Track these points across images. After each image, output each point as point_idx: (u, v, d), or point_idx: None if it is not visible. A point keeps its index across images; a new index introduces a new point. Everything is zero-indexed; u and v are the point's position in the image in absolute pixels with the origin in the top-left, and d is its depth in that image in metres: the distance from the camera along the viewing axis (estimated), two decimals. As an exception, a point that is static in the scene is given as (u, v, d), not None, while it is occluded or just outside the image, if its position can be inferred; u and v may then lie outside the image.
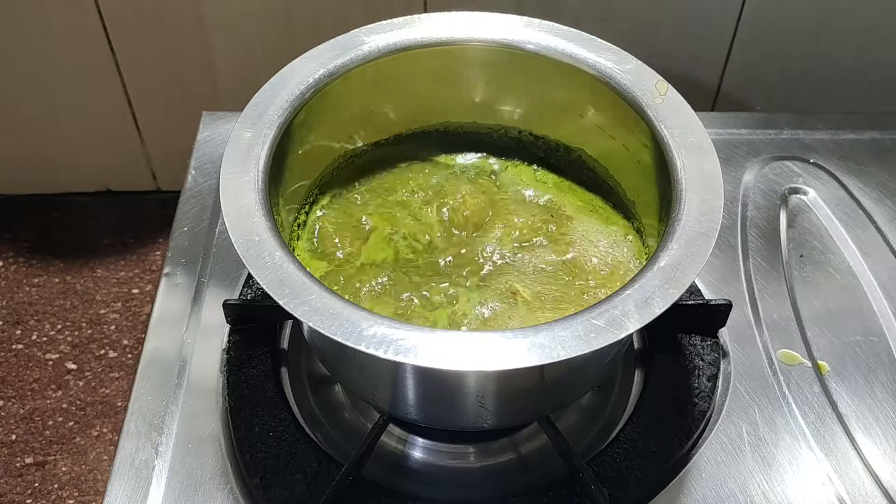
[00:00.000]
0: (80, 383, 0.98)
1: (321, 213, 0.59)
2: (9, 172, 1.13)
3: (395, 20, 0.58)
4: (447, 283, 0.54)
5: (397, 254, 0.56)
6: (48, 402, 0.96)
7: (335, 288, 0.53)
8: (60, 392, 0.97)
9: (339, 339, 0.42)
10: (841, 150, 0.76)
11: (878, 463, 0.56)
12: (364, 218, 0.59)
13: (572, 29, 0.58)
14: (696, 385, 0.58)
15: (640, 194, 0.57)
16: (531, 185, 0.62)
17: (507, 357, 0.42)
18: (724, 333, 0.62)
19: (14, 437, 0.93)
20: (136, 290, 1.07)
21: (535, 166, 0.63)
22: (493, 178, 0.62)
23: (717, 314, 0.60)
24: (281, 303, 0.43)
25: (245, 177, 0.49)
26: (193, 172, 0.73)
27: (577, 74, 0.56)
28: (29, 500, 0.89)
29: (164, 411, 0.57)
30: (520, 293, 0.54)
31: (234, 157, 0.50)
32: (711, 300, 0.61)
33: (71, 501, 0.89)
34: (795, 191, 0.73)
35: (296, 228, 0.57)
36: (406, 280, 0.55)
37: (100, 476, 0.91)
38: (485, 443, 0.58)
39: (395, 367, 0.48)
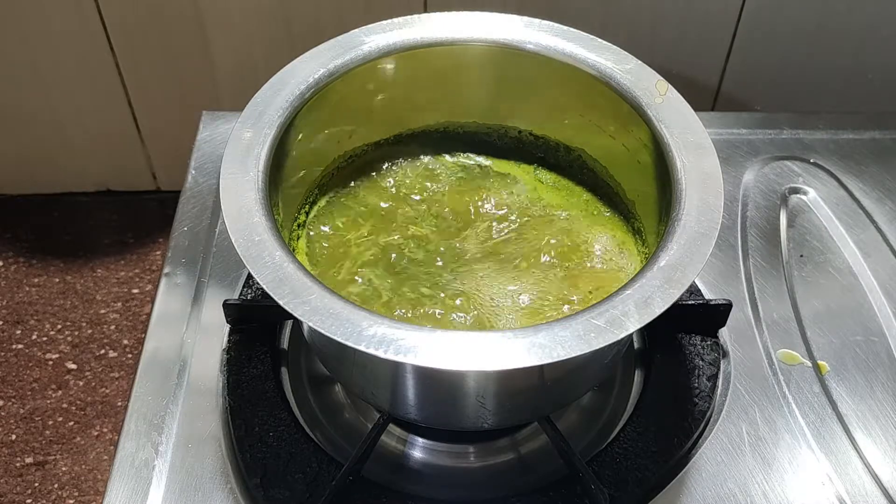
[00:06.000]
0: (80, 383, 0.98)
1: (321, 213, 0.59)
2: (9, 172, 1.13)
3: (395, 20, 0.58)
4: (444, 282, 0.54)
5: (397, 253, 0.56)
6: (48, 402, 0.96)
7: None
8: (60, 392, 0.97)
9: (339, 339, 0.42)
10: (841, 150, 0.76)
11: (878, 463, 0.56)
12: (364, 218, 0.59)
13: (572, 29, 0.58)
14: (696, 385, 0.58)
15: (640, 194, 0.57)
16: (531, 185, 0.62)
17: (507, 357, 0.41)
18: (724, 333, 0.62)
19: (14, 437, 0.93)
20: (136, 290, 1.07)
21: (535, 166, 0.63)
22: (494, 178, 0.62)
23: (717, 314, 0.60)
24: (281, 303, 0.43)
25: (245, 177, 0.49)
26: (193, 172, 0.73)
27: (577, 74, 0.56)
28: (29, 500, 0.89)
29: (164, 411, 0.57)
30: (513, 294, 0.54)
31: (234, 157, 0.50)
32: (711, 300, 0.61)
33: (71, 501, 0.89)
34: (795, 191, 0.73)
35: (296, 228, 0.57)
36: (404, 279, 0.55)
37: (100, 476, 0.91)
38: (485, 443, 0.58)
39: (395, 367, 0.48)
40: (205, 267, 0.66)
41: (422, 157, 0.63)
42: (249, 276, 0.63)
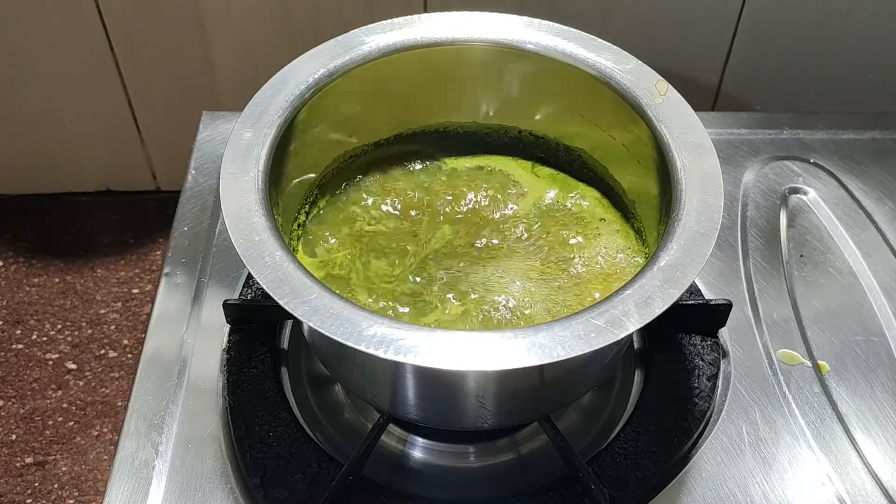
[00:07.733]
0: (80, 383, 0.98)
1: (321, 213, 0.59)
2: (9, 172, 1.13)
3: (395, 20, 0.58)
4: (444, 283, 0.54)
5: (397, 253, 0.56)
6: (48, 402, 0.96)
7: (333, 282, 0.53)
8: (60, 392, 0.97)
9: (339, 339, 0.42)
10: (841, 150, 0.76)
11: (878, 463, 0.56)
12: (364, 218, 0.59)
13: (572, 29, 0.58)
14: (696, 385, 0.58)
15: (640, 194, 0.57)
16: (531, 184, 0.62)
17: (507, 357, 0.42)
18: (724, 333, 0.62)
19: (14, 437, 0.93)
20: (136, 290, 1.07)
21: (533, 164, 0.63)
22: (493, 178, 0.62)
23: (717, 314, 0.60)
24: (281, 303, 0.43)
25: (245, 177, 0.49)
26: (193, 172, 0.73)
27: (577, 74, 0.56)
28: (29, 500, 0.89)
29: (164, 411, 0.57)
30: (516, 293, 0.54)
31: (234, 157, 0.50)
32: (711, 300, 0.61)
33: (71, 501, 0.89)
34: (795, 191, 0.73)
35: (296, 228, 0.57)
36: (405, 279, 0.55)
37: (100, 476, 0.91)
38: (485, 443, 0.58)
39: (395, 367, 0.48)
40: (205, 267, 0.66)
41: (422, 157, 0.63)
42: (249, 276, 0.63)
